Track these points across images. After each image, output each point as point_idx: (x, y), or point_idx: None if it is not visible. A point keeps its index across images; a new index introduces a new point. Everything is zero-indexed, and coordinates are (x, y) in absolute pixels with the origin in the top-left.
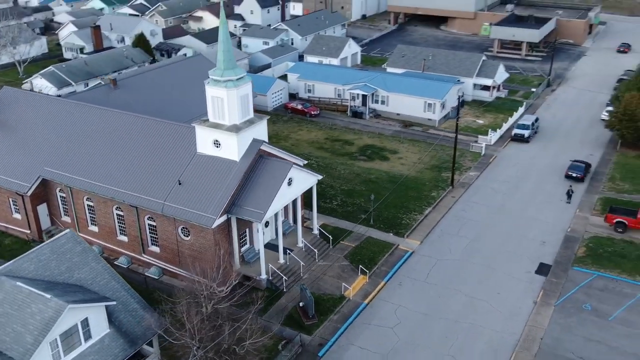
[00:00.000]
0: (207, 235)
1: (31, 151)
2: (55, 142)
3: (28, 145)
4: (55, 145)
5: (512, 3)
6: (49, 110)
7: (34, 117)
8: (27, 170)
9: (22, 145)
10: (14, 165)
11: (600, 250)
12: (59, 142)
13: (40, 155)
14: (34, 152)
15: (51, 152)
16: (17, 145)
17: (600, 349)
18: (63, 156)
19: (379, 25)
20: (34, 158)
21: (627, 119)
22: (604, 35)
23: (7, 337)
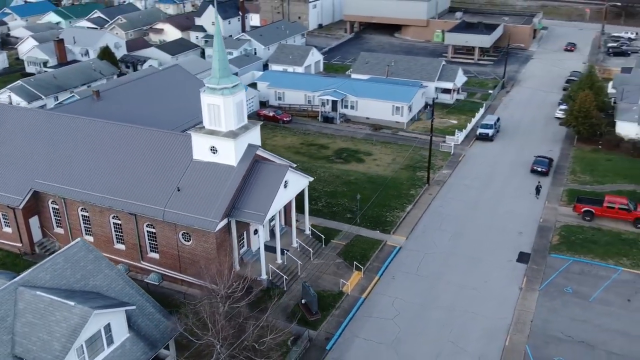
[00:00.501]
0: (209, 239)
1: (21, 164)
2: (45, 154)
3: (17, 158)
4: (46, 157)
5: (461, 11)
6: (36, 123)
7: (21, 131)
8: (17, 183)
9: (10, 159)
10: (4, 179)
11: (573, 237)
12: (49, 154)
13: (30, 168)
14: (23, 165)
15: (42, 164)
16: (6, 158)
17: (586, 328)
18: (55, 168)
19: (336, 34)
20: (24, 171)
21: (583, 116)
22: (547, 39)
23: (34, 346)
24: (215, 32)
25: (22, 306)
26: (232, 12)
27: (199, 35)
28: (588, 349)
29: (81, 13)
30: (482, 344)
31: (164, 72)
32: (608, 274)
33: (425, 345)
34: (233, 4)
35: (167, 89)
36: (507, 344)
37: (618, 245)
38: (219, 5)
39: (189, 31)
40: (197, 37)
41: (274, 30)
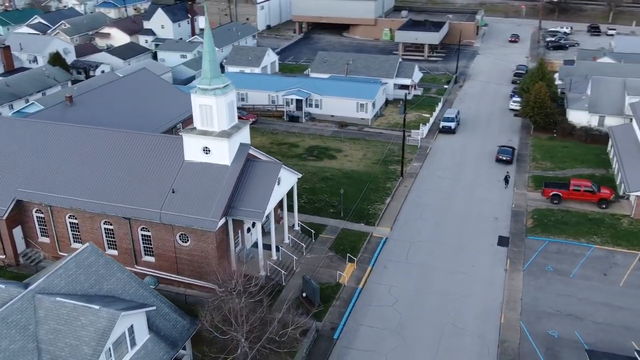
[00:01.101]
0: (208, 239)
1: (1, 174)
2: (28, 162)
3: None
4: (29, 165)
5: (406, 9)
6: (15, 131)
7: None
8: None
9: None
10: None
11: (545, 220)
12: (32, 163)
13: (11, 177)
14: (4, 175)
15: (25, 173)
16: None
17: (571, 302)
18: (39, 176)
19: (285, 35)
20: (5, 180)
21: (538, 106)
22: (489, 35)
23: (62, 352)
24: (205, 34)
25: (43, 314)
26: (181, 15)
27: (148, 39)
28: (576, 321)
29: (19, 19)
30: (479, 323)
31: (132, 75)
32: (582, 252)
33: (427, 328)
34: (182, 6)
35: (138, 93)
36: (503, 322)
37: (587, 224)
38: (167, 8)
39: (137, 35)
40: (146, 40)
41: (226, 32)
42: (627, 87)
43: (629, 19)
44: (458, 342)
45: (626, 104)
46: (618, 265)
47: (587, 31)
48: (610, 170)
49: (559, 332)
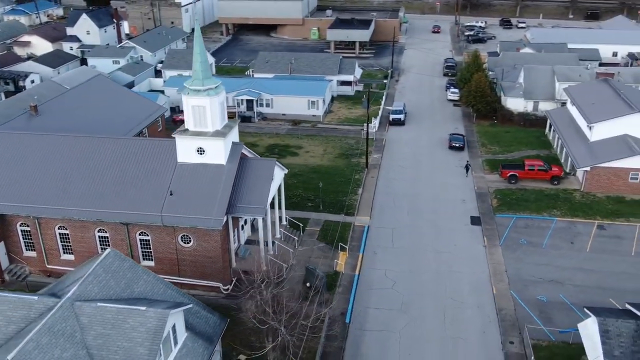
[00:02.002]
0: (213, 238)
1: None
2: (7, 175)
3: None
4: (8, 178)
5: (330, 9)
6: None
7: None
8: None
9: None
10: None
11: (508, 199)
12: (12, 175)
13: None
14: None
15: (5, 186)
16: None
17: (549, 269)
18: (22, 188)
19: (213, 37)
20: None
21: (480, 95)
22: (411, 32)
23: (116, 355)
24: (195, 35)
25: (87, 320)
26: (106, 20)
27: (73, 46)
28: (558, 286)
29: None
30: (475, 296)
31: (89, 82)
32: (547, 225)
33: (430, 305)
34: (106, 11)
35: (99, 99)
36: (495, 292)
37: (545, 200)
38: (92, 13)
39: (60, 42)
40: (71, 47)
41: (156, 36)
42: (556, 74)
43: (535, 12)
44: (460, 314)
45: (557, 89)
46: (581, 234)
47: (499, 25)
48: (552, 150)
49: (547, 297)
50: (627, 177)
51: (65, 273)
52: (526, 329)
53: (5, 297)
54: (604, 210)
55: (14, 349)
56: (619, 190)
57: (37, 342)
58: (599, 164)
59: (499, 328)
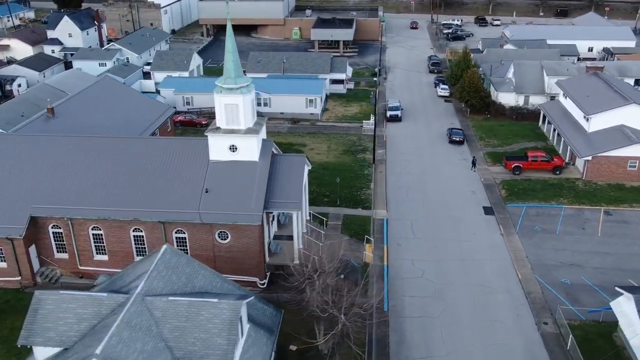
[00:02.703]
0: (251, 233)
1: (8, 193)
2: (39, 178)
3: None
4: (41, 181)
5: (309, 9)
6: (19, 149)
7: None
8: (10, 213)
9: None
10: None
11: (515, 189)
12: (44, 178)
13: (23, 195)
14: (15, 193)
15: (37, 189)
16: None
17: (567, 254)
18: (55, 190)
19: (194, 39)
20: (17, 198)
21: (473, 90)
22: (390, 30)
23: (194, 347)
24: (227, 34)
25: (160, 314)
26: (87, 23)
27: (55, 49)
28: (578, 269)
29: None
30: (502, 281)
31: (98, 84)
32: (557, 212)
33: (462, 291)
34: (87, 14)
35: (110, 101)
36: (521, 277)
37: (550, 189)
38: (73, 16)
39: (42, 45)
40: (53, 50)
41: (140, 38)
42: (545, 69)
43: (507, 10)
44: (493, 299)
45: (546, 83)
46: (590, 220)
47: (474, 22)
48: (548, 142)
49: (570, 279)
50: (626, 165)
51: (98, 274)
52: (559, 310)
53: (74, 295)
54: (607, 197)
55: (99, 344)
56: (619, 178)
57: (119, 336)
58: (599, 154)
59: (531, 310)
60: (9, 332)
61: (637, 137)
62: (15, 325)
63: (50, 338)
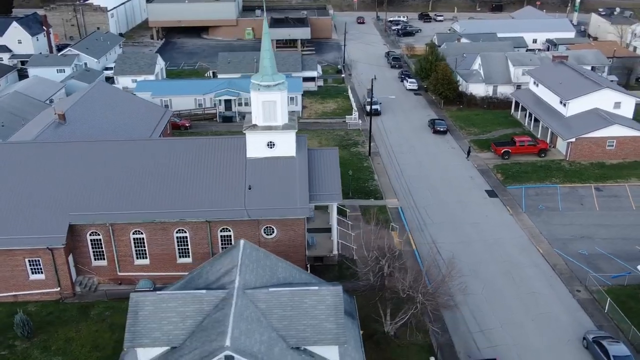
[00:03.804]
0: (297, 227)
1: (44, 202)
2: (73, 185)
3: (36, 197)
4: (77, 188)
5: (259, 9)
6: (48, 156)
7: (28, 168)
8: (48, 222)
9: (29, 199)
10: (30, 221)
11: (509, 172)
12: (81, 184)
13: (59, 202)
14: (48, 202)
15: (73, 196)
16: (24, 200)
17: (575, 228)
18: (93, 197)
19: (144, 41)
20: (52, 208)
21: (446, 82)
22: (340, 28)
23: (306, 333)
24: (263, 32)
25: (264, 306)
26: (36, 28)
27: (4, 56)
28: (590, 240)
29: None
30: (526, 256)
31: (94, 89)
32: (553, 191)
33: (494, 268)
34: (34, 18)
35: (110, 104)
36: (542, 252)
37: (540, 171)
38: (21, 21)
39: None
40: (1, 58)
41: (95, 42)
42: (510, 60)
43: (446, 6)
44: (524, 273)
45: (512, 73)
46: (585, 196)
47: (418, 19)
48: (525, 128)
49: (586, 250)
50: (604, 145)
51: (137, 279)
52: (589, 278)
53: (172, 294)
54: (592, 175)
55: (223, 337)
56: (599, 157)
57: (239, 329)
58: (582, 135)
59: (561, 281)
60: (64, 343)
61: (612, 118)
62: (68, 335)
63: (157, 338)
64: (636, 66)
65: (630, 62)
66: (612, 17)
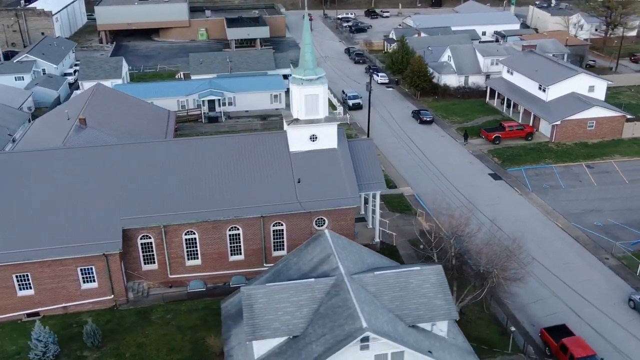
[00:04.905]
0: (348, 216)
1: (95, 208)
2: (123, 189)
3: (85, 204)
4: (126, 192)
5: (208, 9)
6: (95, 160)
7: (78, 174)
8: (101, 228)
9: (78, 206)
10: (82, 228)
11: (504, 156)
12: (128, 188)
13: (110, 208)
14: (99, 208)
15: (124, 200)
16: (73, 207)
17: (582, 202)
18: (144, 200)
19: (93, 46)
20: (103, 213)
21: (422, 75)
22: (291, 27)
23: (419, 311)
24: (304, 27)
25: (373, 289)
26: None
27: None
28: (599, 212)
29: None
30: (549, 232)
31: (97, 92)
32: (551, 171)
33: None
34: None
35: (117, 106)
36: (561, 226)
37: (532, 153)
38: None
39: None
40: None
41: (50, 48)
42: (479, 51)
43: (388, 3)
44: (553, 246)
45: (481, 64)
46: (580, 174)
47: (365, 15)
48: (504, 114)
49: (600, 222)
50: (585, 126)
51: (188, 280)
52: (615, 245)
53: (282, 285)
54: (579, 154)
55: (354, 321)
56: (581, 137)
57: (367, 311)
58: (566, 118)
59: (588, 251)
60: (136, 349)
61: (589, 101)
62: (138, 341)
63: (277, 329)
64: (586, 53)
65: (581, 49)
66: (551, 9)
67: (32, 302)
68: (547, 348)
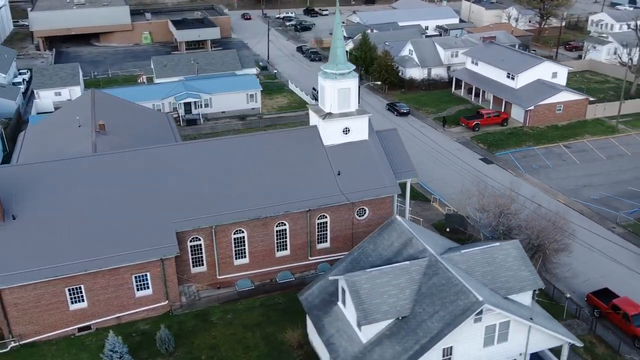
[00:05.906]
0: (386, 205)
1: (147, 212)
2: (171, 192)
3: (136, 209)
4: (175, 195)
5: (147, 12)
6: (138, 166)
7: (125, 179)
8: (156, 232)
9: (129, 212)
10: (135, 234)
11: (487, 141)
12: (177, 191)
13: (161, 212)
14: (151, 212)
15: (173, 203)
16: (124, 213)
17: (573, 180)
18: (193, 201)
19: (30, 53)
20: (156, 217)
21: (388, 70)
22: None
23: (509, 284)
24: (335, 23)
25: (464, 266)
26: None
27: None
28: (593, 187)
29: None
30: (554, 207)
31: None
32: (534, 153)
33: None
34: None
35: (119, 111)
36: (563, 202)
37: (512, 137)
38: None
39: None
40: None
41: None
42: (439, 44)
43: (323, 1)
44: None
45: (442, 56)
46: (561, 154)
47: (304, 14)
48: (473, 103)
49: (597, 195)
50: (554, 109)
51: (236, 280)
52: (620, 215)
53: (381, 270)
54: (553, 136)
55: (469, 295)
56: (551, 120)
57: (473, 286)
58: (539, 103)
59: (594, 223)
60: (210, 350)
61: (556, 86)
62: (209, 343)
63: (387, 312)
64: (529, 43)
65: (526, 39)
66: (485, 3)
67: (84, 315)
68: (594, 311)
